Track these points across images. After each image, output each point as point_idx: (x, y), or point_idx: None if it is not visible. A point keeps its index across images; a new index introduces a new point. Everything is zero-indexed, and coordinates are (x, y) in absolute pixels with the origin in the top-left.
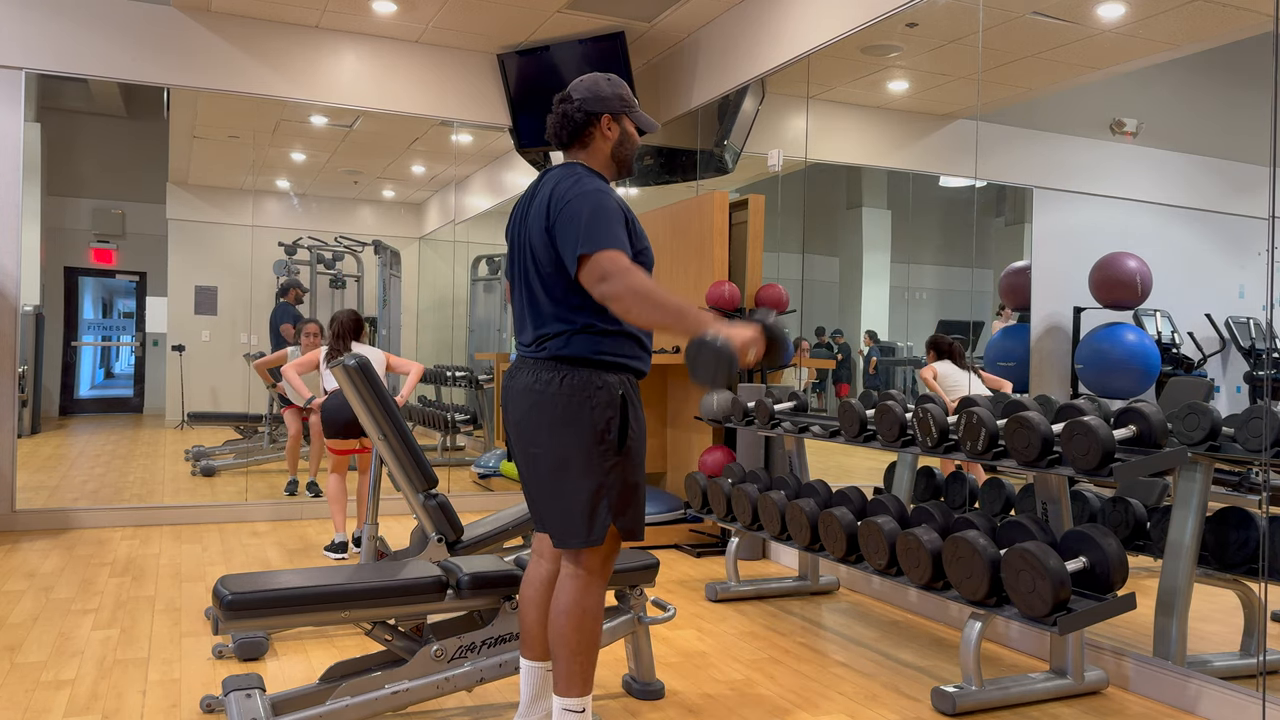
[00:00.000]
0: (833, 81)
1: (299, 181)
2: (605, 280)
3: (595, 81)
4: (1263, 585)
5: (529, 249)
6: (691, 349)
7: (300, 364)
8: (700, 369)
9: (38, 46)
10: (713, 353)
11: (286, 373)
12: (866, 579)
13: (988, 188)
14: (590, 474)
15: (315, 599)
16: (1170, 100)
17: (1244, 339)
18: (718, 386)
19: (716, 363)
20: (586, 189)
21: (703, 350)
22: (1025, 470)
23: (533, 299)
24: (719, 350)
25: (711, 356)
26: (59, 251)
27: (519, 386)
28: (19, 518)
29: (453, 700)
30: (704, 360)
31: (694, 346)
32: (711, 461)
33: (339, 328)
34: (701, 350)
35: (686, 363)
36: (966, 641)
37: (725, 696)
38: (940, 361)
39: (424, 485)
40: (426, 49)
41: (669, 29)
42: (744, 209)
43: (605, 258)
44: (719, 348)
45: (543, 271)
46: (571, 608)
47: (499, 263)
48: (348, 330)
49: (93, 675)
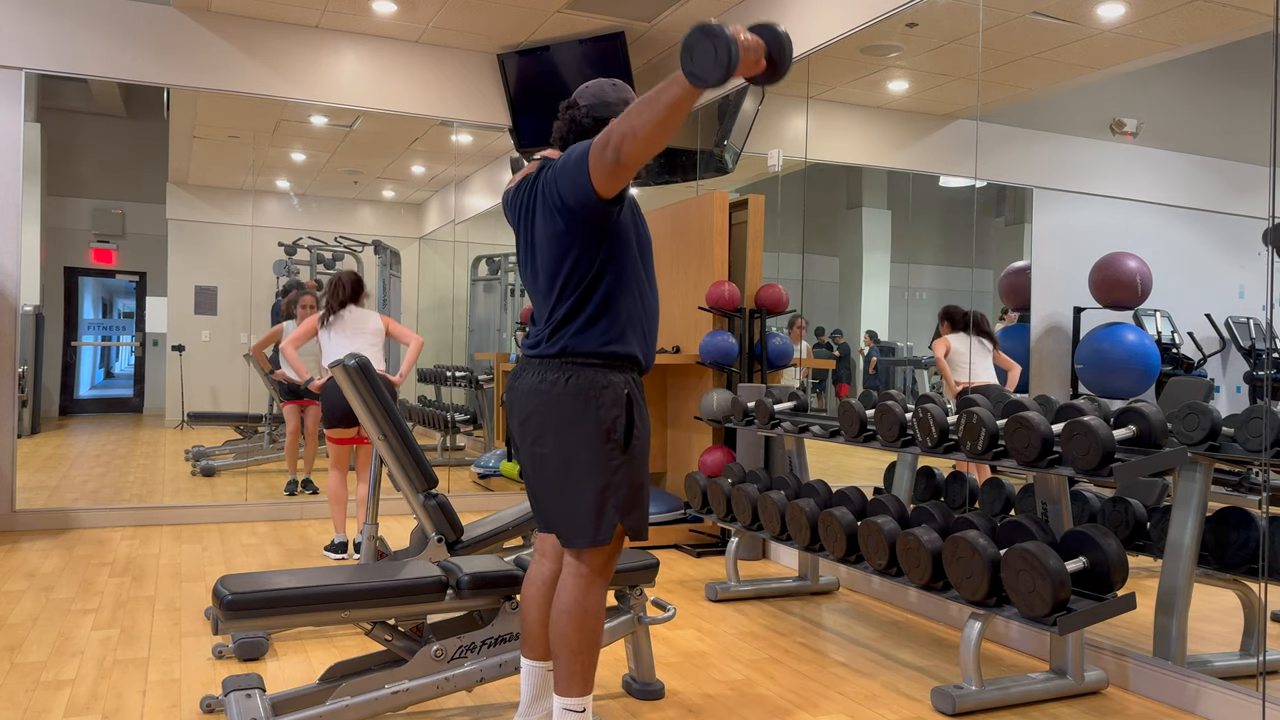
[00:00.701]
0: (833, 81)
1: (299, 181)
2: (607, 142)
3: (601, 88)
4: (1263, 585)
5: (535, 241)
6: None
7: (296, 337)
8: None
9: (38, 46)
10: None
11: (284, 349)
12: (866, 579)
13: (988, 188)
14: (597, 473)
15: (315, 599)
16: (1170, 100)
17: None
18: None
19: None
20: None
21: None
22: (1025, 470)
23: (542, 290)
24: (706, 30)
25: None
26: (59, 251)
27: (524, 387)
28: (19, 518)
29: (453, 700)
30: (701, 51)
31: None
32: (711, 461)
33: (337, 286)
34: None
35: (690, 78)
36: (966, 641)
37: (725, 696)
38: (955, 334)
39: (424, 485)
40: (426, 49)
41: (669, 29)
42: (744, 209)
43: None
44: (705, 28)
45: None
46: (573, 607)
47: (499, 263)
48: (347, 289)
49: (93, 675)
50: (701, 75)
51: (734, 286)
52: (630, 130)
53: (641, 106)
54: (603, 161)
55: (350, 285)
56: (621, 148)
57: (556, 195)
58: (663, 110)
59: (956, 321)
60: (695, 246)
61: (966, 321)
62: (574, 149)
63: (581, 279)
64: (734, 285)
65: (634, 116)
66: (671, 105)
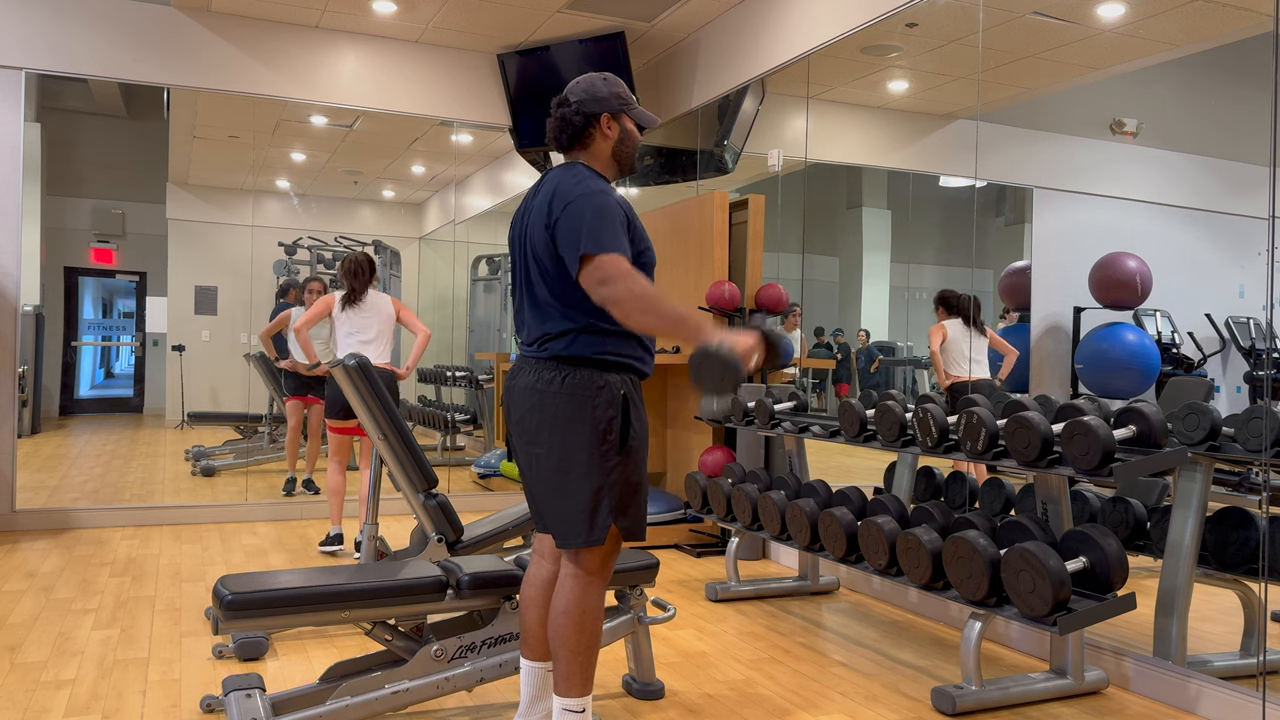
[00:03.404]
0: (833, 81)
1: (299, 181)
2: (606, 284)
3: (591, 82)
4: (1263, 585)
5: (530, 249)
6: (695, 359)
7: (309, 317)
8: (706, 380)
9: (38, 46)
10: (718, 363)
11: (297, 330)
12: (866, 579)
13: (988, 188)
14: (592, 474)
15: (315, 599)
16: (1170, 100)
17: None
18: (724, 396)
19: (723, 373)
20: (589, 189)
21: (706, 361)
22: (1025, 470)
23: (534, 299)
24: (724, 360)
25: (718, 367)
26: (59, 251)
27: (521, 386)
28: (19, 518)
29: (453, 700)
30: (709, 370)
31: (698, 357)
32: (711, 461)
33: (354, 267)
34: (705, 361)
35: (691, 374)
36: (966, 641)
37: (725, 696)
38: (951, 320)
39: (424, 485)
40: (426, 49)
41: (669, 29)
42: (744, 209)
43: (607, 261)
44: (724, 357)
45: (545, 271)
46: (572, 608)
47: (499, 262)
48: (364, 270)
49: (93, 675)
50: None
51: (734, 286)
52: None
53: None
54: (590, 287)
55: (367, 266)
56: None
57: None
58: (654, 331)
59: (952, 307)
60: (695, 246)
61: (961, 307)
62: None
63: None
64: (734, 285)
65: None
66: (665, 335)
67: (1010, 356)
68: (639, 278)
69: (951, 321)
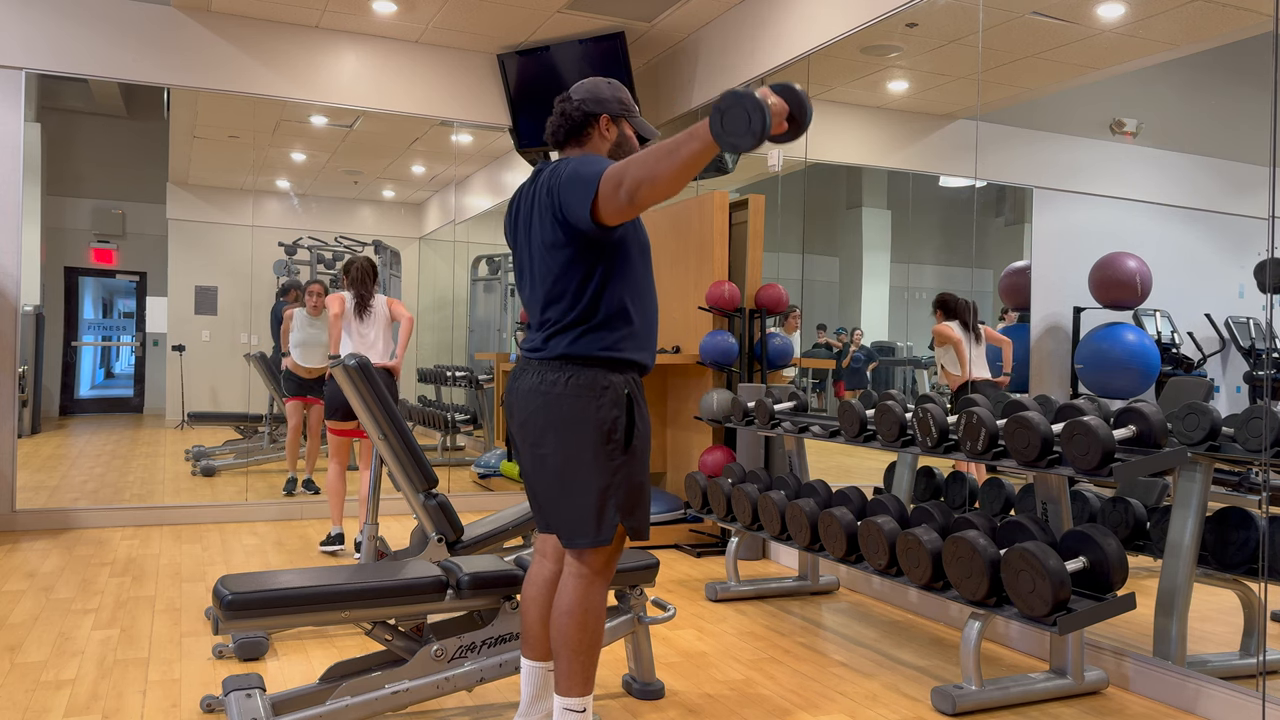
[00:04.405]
0: (833, 81)
1: (299, 181)
2: (621, 181)
3: (595, 83)
4: (1263, 585)
5: (532, 245)
6: (715, 119)
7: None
8: (733, 128)
9: (38, 46)
10: (736, 103)
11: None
12: (866, 579)
13: (988, 188)
14: (598, 474)
15: (315, 599)
16: (1170, 100)
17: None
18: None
19: (747, 110)
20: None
21: (727, 110)
22: (1025, 470)
23: (539, 295)
24: (740, 97)
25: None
26: (59, 251)
27: (524, 387)
28: (19, 518)
29: (453, 700)
30: (733, 117)
31: (716, 115)
32: (711, 461)
33: (359, 273)
34: (726, 111)
35: (718, 139)
36: (966, 641)
37: (725, 696)
38: (949, 323)
39: (424, 485)
40: (426, 49)
41: (669, 29)
42: (744, 209)
43: (608, 172)
44: (739, 95)
45: (549, 266)
46: (574, 607)
47: (499, 262)
48: (369, 275)
49: (93, 675)
50: (734, 141)
51: (734, 286)
52: (649, 177)
53: (662, 155)
54: (615, 200)
55: (370, 270)
56: (637, 192)
57: (559, 206)
58: (683, 163)
59: (949, 310)
60: (695, 246)
61: (959, 311)
62: (583, 165)
63: (580, 288)
64: (734, 285)
65: (653, 164)
66: (692, 159)
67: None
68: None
69: (950, 324)
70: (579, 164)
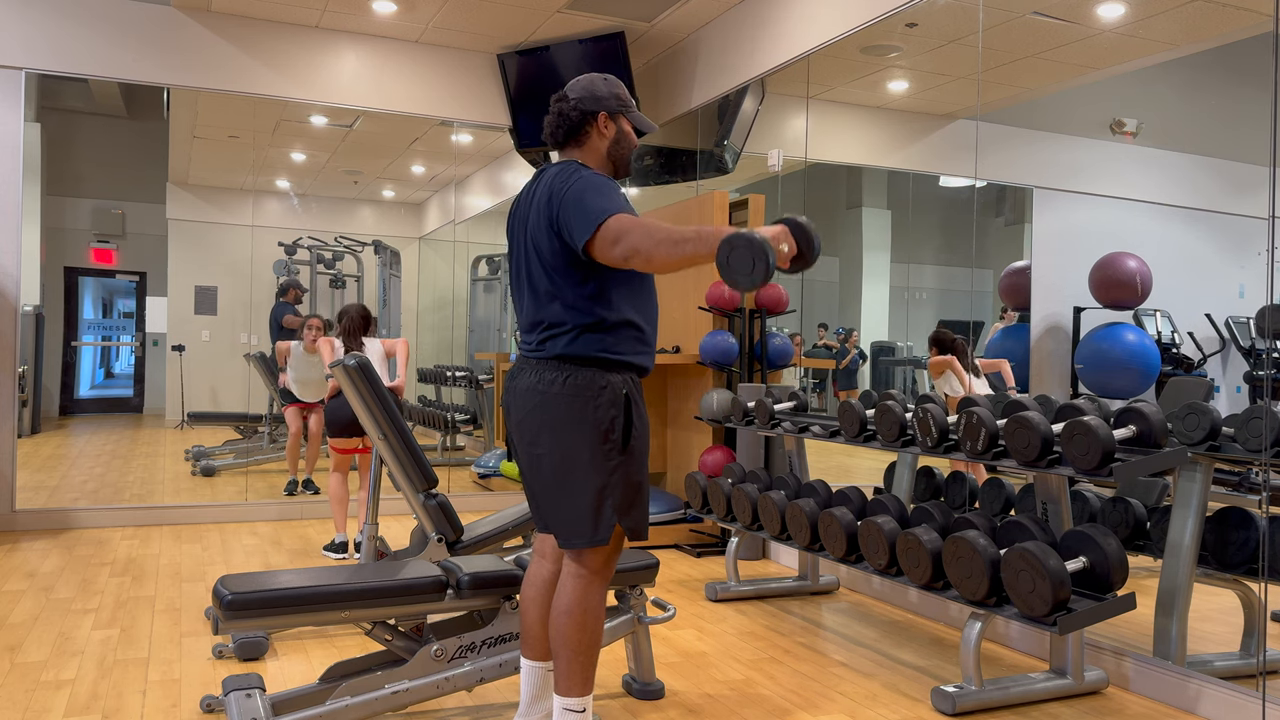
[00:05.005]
0: (833, 81)
1: (299, 181)
2: (619, 241)
3: (592, 81)
4: (1263, 585)
5: (532, 246)
6: (723, 252)
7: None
8: (737, 269)
9: (38, 46)
10: (746, 246)
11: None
12: (866, 579)
13: (988, 188)
14: (595, 474)
15: (315, 599)
16: (1170, 100)
17: (1244, 339)
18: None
19: (754, 256)
20: (581, 176)
21: (735, 249)
22: (1025, 470)
23: (535, 297)
24: (752, 243)
25: (745, 251)
26: (59, 251)
27: (522, 387)
28: (19, 518)
29: (453, 700)
30: (740, 259)
31: (724, 248)
32: (711, 461)
33: (349, 324)
34: (735, 250)
35: (720, 269)
36: (966, 641)
37: (725, 696)
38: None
39: (424, 485)
40: (426, 49)
41: (669, 29)
42: (744, 209)
43: (613, 222)
44: (752, 240)
45: (546, 268)
46: (574, 607)
47: (499, 262)
48: (358, 327)
49: (93, 675)
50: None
51: None
52: (646, 253)
53: (667, 241)
54: (608, 253)
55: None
56: (630, 258)
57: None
58: (682, 258)
59: (945, 347)
60: None
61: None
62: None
63: (578, 289)
64: None
65: (655, 244)
66: (692, 259)
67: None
68: (647, 222)
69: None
70: (587, 186)
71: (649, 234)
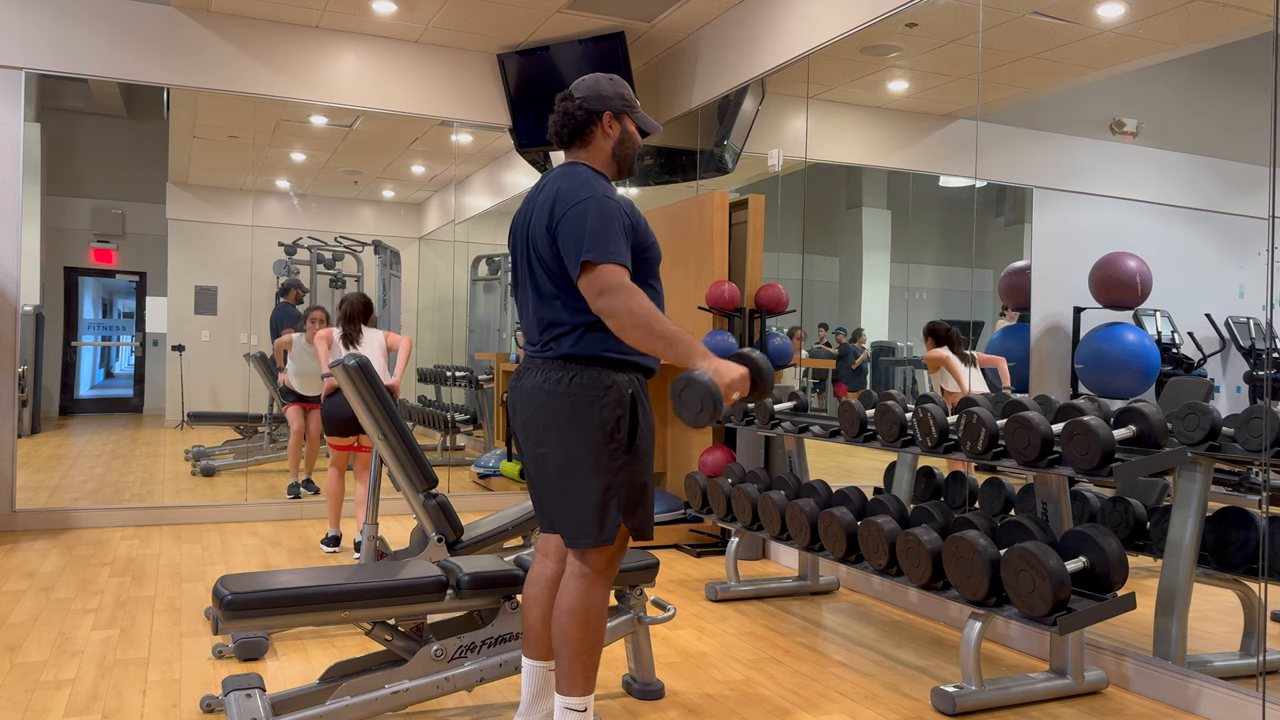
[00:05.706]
0: (833, 81)
1: (299, 181)
2: (604, 295)
3: (597, 80)
4: (1263, 585)
5: (533, 248)
6: (678, 385)
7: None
8: (686, 406)
9: (38, 46)
10: (699, 391)
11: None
12: (866, 579)
13: (988, 188)
14: (600, 473)
15: (315, 599)
16: (1170, 100)
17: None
18: (701, 425)
19: (702, 401)
20: (594, 193)
21: (690, 387)
22: (1025, 470)
23: (540, 297)
24: (705, 388)
25: (697, 395)
26: (59, 251)
27: (527, 386)
28: (19, 518)
29: (453, 700)
30: (689, 397)
31: (680, 383)
32: (711, 461)
33: (349, 309)
34: (688, 387)
35: (671, 397)
36: (966, 641)
37: (725, 696)
38: (939, 349)
39: (424, 485)
40: (426, 49)
41: (669, 29)
42: (744, 209)
43: (607, 272)
44: (705, 385)
45: (547, 266)
46: (576, 607)
47: (499, 262)
48: (358, 313)
49: (93, 675)
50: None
51: (734, 286)
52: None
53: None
54: (589, 295)
55: (360, 309)
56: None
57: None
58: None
59: (940, 337)
60: (695, 246)
61: (949, 338)
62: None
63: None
64: (734, 285)
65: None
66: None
67: (1001, 365)
68: (636, 294)
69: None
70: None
71: (631, 311)
